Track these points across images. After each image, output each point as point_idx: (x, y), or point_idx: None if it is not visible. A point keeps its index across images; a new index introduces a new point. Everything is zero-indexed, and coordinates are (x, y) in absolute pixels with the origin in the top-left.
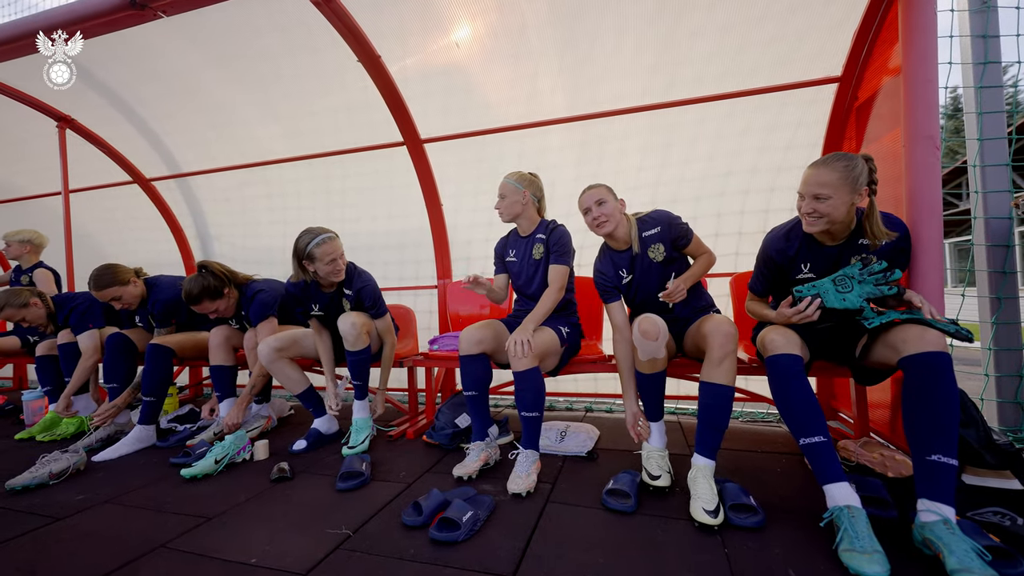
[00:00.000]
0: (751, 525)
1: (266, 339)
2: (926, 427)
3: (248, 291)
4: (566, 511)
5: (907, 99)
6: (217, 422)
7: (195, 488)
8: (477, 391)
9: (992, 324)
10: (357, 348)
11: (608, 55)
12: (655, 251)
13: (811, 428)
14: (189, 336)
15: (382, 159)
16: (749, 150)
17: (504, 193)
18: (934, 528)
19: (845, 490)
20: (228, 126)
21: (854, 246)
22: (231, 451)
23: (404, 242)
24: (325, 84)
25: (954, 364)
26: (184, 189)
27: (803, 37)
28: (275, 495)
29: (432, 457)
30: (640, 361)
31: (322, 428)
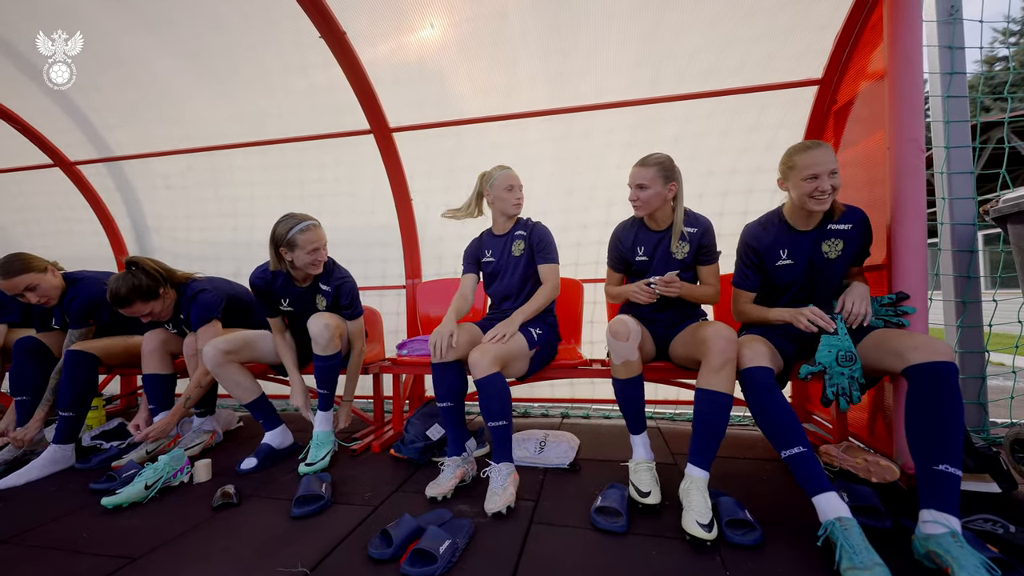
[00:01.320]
0: (749, 543)
1: (212, 340)
2: (933, 437)
3: (188, 291)
4: (553, 533)
5: (893, 101)
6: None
7: (120, 520)
8: (452, 401)
9: (957, 327)
10: (328, 352)
11: (593, 44)
12: (679, 248)
13: (790, 440)
14: (117, 341)
15: (346, 148)
16: (730, 151)
17: (521, 183)
18: (941, 541)
19: (834, 501)
20: (169, 104)
21: (825, 230)
22: (166, 474)
23: (369, 239)
24: (284, 61)
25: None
26: (116, 175)
27: (789, 35)
28: (218, 525)
29: (401, 474)
30: (615, 366)
31: (274, 443)
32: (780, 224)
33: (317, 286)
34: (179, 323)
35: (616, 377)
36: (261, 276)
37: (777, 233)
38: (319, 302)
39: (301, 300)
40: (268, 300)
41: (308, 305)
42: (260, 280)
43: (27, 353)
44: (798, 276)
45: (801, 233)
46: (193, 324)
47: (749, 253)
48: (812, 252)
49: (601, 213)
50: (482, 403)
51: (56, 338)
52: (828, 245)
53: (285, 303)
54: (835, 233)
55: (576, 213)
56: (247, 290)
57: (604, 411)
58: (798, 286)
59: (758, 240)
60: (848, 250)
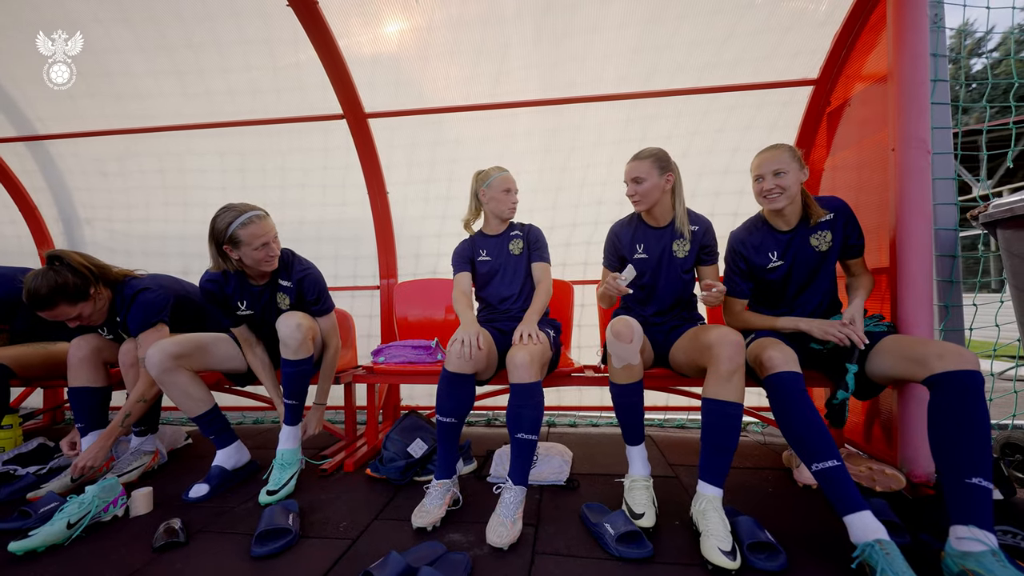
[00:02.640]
0: (775, 569)
1: (159, 343)
2: (964, 449)
3: (126, 290)
4: (560, 567)
5: (898, 101)
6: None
7: (32, 568)
8: (456, 418)
9: (940, 331)
10: (299, 357)
11: (591, 26)
12: (680, 246)
13: (824, 452)
14: (35, 348)
15: (315, 134)
16: (723, 151)
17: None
18: (982, 560)
19: (869, 521)
20: (104, 76)
21: (806, 229)
22: (95, 507)
23: (340, 234)
24: (244, 33)
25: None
26: (41, 157)
27: (787, 33)
28: (159, 572)
29: (380, 497)
30: (614, 369)
31: (227, 463)
32: (764, 227)
33: (276, 283)
34: (115, 327)
35: (615, 382)
36: (211, 279)
37: (763, 236)
38: (281, 301)
39: (259, 301)
40: (224, 306)
41: (268, 306)
42: (211, 284)
43: None
44: (792, 275)
45: (785, 233)
46: (132, 329)
47: (738, 260)
48: (801, 249)
49: (590, 212)
50: (516, 411)
51: None
52: (817, 238)
53: (243, 306)
54: (820, 226)
55: (564, 211)
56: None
57: (591, 418)
58: (795, 285)
59: (745, 245)
60: (837, 240)
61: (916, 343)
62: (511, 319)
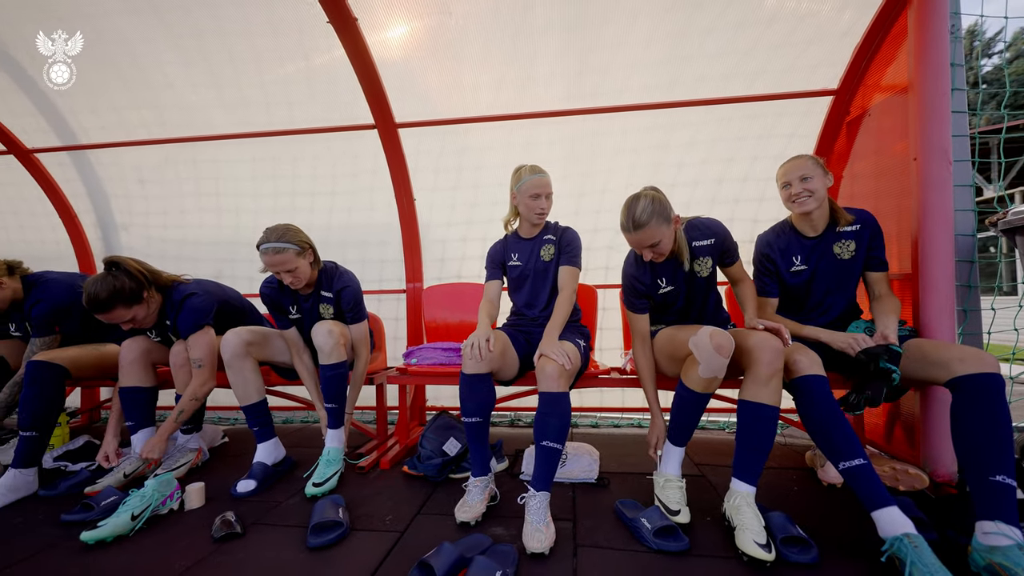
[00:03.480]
0: (808, 561)
1: (234, 330)
2: (987, 448)
3: (175, 295)
4: (602, 558)
5: (920, 112)
6: (130, 458)
7: (104, 557)
8: (480, 417)
9: (960, 335)
10: (333, 360)
11: (616, 43)
12: (702, 265)
13: (850, 451)
14: (88, 350)
15: (345, 143)
16: (743, 158)
17: (551, 190)
18: (1009, 553)
19: (897, 516)
20: (148, 89)
21: (834, 233)
22: (154, 501)
23: (367, 239)
24: (282, 47)
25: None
26: (81, 165)
27: (809, 44)
28: (224, 560)
29: (418, 493)
30: (697, 378)
31: (267, 459)
32: (791, 232)
33: (319, 294)
34: (163, 330)
35: (690, 388)
36: (268, 284)
37: (789, 241)
38: (324, 311)
39: (305, 308)
40: (279, 309)
41: (312, 313)
42: (268, 289)
43: None
44: (813, 280)
45: (811, 239)
46: (182, 331)
47: (765, 262)
48: (824, 256)
49: (611, 218)
50: (543, 419)
51: (14, 347)
52: (840, 247)
53: (294, 310)
54: (845, 235)
55: (586, 216)
56: (238, 294)
57: (612, 419)
58: (816, 290)
59: (772, 247)
60: (860, 250)
61: (938, 347)
62: (537, 326)
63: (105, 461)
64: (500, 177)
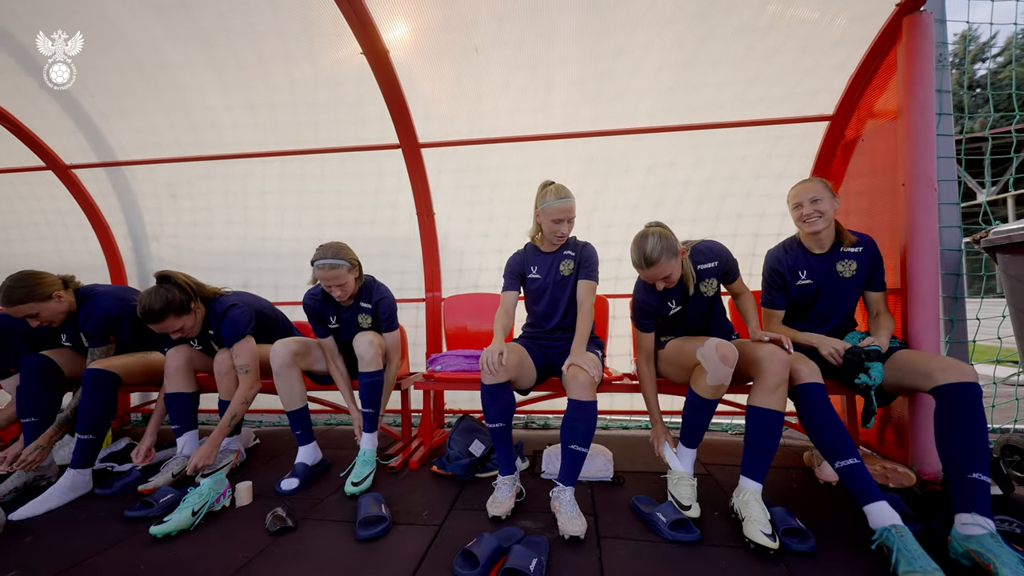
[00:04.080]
0: (807, 550)
1: (283, 341)
2: (965, 449)
3: (217, 307)
4: (624, 548)
5: (908, 143)
6: (178, 459)
7: (172, 549)
8: (503, 422)
9: (946, 343)
10: (372, 368)
11: (629, 71)
12: (708, 286)
13: (845, 452)
14: (138, 358)
15: (369, 161)
16: (746, 177)
17: (574, 215)
18: (982, 541)
19: (886, 509)
20: (185, 111)
21: (838, 252)
22: (210, 498)
23: (388, 251)
24: (319, 75)
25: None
26: (117, 180)
27: (808, 74)
28: (283, 551)
29: (448, 491)
30: (706, 386)
31: (308, 460)
32: (799, 248)
33: (359, 305)
34: (205, 339)
35: (700, 394)
36: (312, 296)
37: (797, 257)
38: (362, 321)
39: (344, 318)
40: (319, 319)
41: (351, 323)
42: (311, 300)
43: (36, 372)
44: (817, 294)
45: (818, 256)
46: (226, 340)
47: (774, 276)
48: (828, 273)
49: (621, 232)
50: (571, 424)
51: (65, 355)
52: (842, 265)
53: (333, 320)
54: (848, 255)
55: (597, 230)
56: (270, 304)
57: (621, 422)
58: (819, 303)
59: (780, 262)
60: (861, 271)
61: (924, 358)
62: (555, 339)
63: (136, 457)
64: (516, 193)
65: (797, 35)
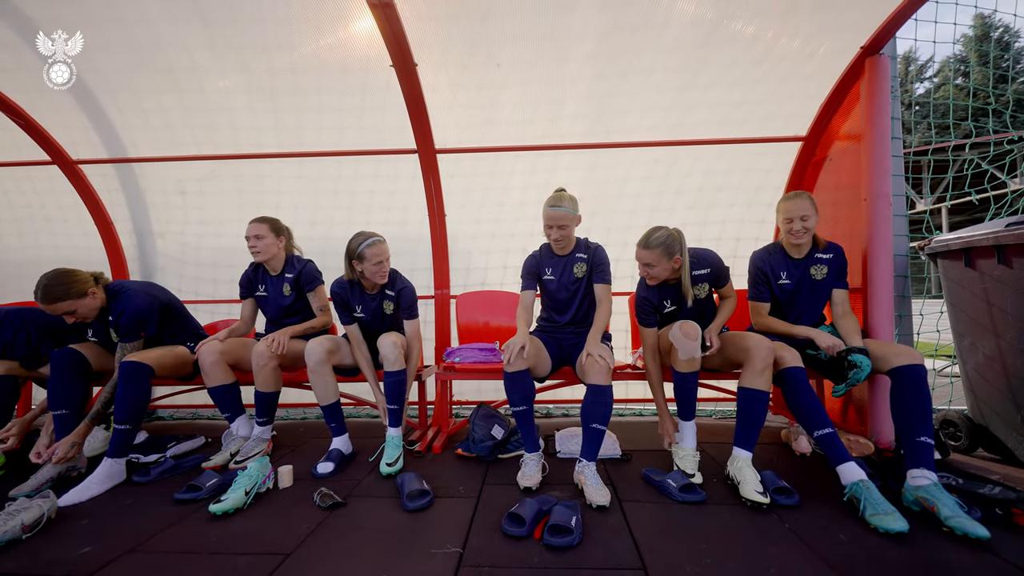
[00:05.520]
0: (793, 504)
1: (317, 339)
2: (915, 418)
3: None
4: (642, 509)
5: (869, 166)
6: (235, 440)
7: (232, 524)
8: (526, 405)
9: (896, 335)
10: (396, 368)
11: (633, 91)
12: (700, 289)
13: (822, 423)
14: (166, 351)
15: (386, 164)
16: (730, 187)
17: (565, 223)
18: (928, 489)
19: (854, 468)
20: (206, 112)
21: (813, 258)
22: (258, 480)
23: (399, 249)
24: (348, 84)
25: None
26: (125, 177)
27: (786, 99)
28: (341, 523)
29: (476, 470)
30: (679, 361)
31: (343, 448)
32: (780, 252)
33: (384, 293)
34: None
35: (679, 371)
36: (341, 286)
37: (778, 260)
38: (387, 307)
39: (371, 306)
40: (346, 308)
41: (377, 310)
42: (340, 289)
43: (67, 365)
44: (796, 293)
45: (796, 260)
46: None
47: (759, 274)
48: (804, 275)
49: (619, 234)
50: (591, 407)
51: (93, 350)
52: (815, 269)
53: (359, 309)
54: (821, 260)
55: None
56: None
57: (618, 410)
58: (797, 301)
59: (764, 263)
60: (831, 274)
61: (882, 346)
62: (568, 333)
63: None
64: (523, 197)
65: (780, 67)
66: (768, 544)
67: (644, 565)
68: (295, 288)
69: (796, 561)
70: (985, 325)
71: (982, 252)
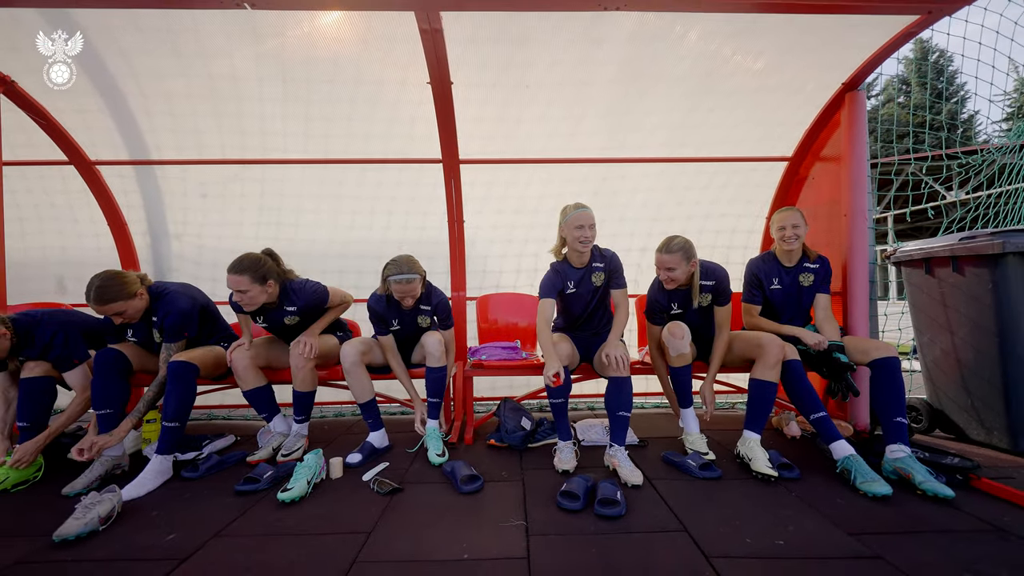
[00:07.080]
0: (795, 476)
1: (351, 342)
2: (892, 402)
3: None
4: (669, 485)
5: (849, 184)
6: (275, 437)
7: (303, 511)
8: (563, 398)
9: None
10: (440, 364)
11: (646, 111)
12: (704, 299)
13: (816, 407)
14: (206, 351)
15: (408, 171)
16: (725, 199)
17: (593, 222)
18: (904, 460)
19: (845, 445)
20: (237, 118)
21: (802, 266)
22: (315, 470)
23: (418, 253)
24: (383, 96)
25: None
26: (143, 178)
27: (778, 124)
28: (406, 505)
29: (509, 458)
30: (672, 357)
31: (376, 443)
32: (773, 260)
33: (419, 308)
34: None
35: (673, 366)
36: (377, 300)
37: (771, 267)
38: (422, 322)
39: (406, 320)
40: (382, 320)
41: (412, 324)
42: (377, 304)
43: (111, 365)
44: (785, 298)
45: (787, 267)
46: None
47: (754, 279)
48: (793, 282)
49: (624, 240)
50: (615, 397)
51: (133, 350)
52: (804, 277)
53: (395, 323)
54: (809, 269)
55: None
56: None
57: None
58: (787, 304)
59: (759, 269)
60: (816, 282)
61: (860, 341)
62: (587, 333)
63: (79, 454)
64: (538, 205)
65: (774, 96)
66: (781, 508)
67: (685, 527)
68: (300, 314)
69: (807, 520)
70: (942, 324)
71: (940, 261)
